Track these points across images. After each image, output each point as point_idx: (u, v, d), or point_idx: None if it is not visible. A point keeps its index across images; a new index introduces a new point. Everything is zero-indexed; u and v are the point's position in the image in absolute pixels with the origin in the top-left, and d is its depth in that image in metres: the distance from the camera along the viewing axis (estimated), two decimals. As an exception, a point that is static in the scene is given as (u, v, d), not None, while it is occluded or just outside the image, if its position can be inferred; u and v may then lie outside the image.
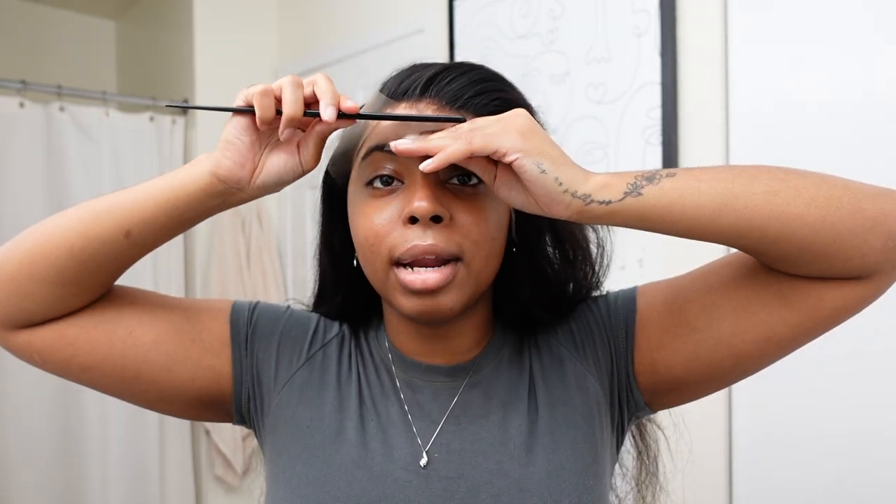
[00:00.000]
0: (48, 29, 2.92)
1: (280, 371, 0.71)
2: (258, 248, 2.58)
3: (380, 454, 0.65)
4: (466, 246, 0.60)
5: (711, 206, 0.54)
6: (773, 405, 1.37)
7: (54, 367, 0.67)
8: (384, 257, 0.60)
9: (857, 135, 1.27)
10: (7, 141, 2.22)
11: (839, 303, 0.59)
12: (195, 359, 0.68)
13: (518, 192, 0.56)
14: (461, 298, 0.61)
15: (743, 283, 0.62)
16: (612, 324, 0.69)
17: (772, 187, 0.54)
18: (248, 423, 0.73)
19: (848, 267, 0.56)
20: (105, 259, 0.63)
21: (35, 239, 0.63)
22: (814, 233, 0.54)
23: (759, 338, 0.61)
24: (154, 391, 0.68)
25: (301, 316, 0.75)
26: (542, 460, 0.63)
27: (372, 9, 2.30)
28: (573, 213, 0.55)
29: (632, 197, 0.55)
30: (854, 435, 1.27)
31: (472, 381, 0.68)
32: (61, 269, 0.62)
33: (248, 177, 0.60)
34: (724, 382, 0.68)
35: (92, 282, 0.64)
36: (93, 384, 0.68)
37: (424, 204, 0.57)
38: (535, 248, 0.68)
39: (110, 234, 0.62)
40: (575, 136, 1.69)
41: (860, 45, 1.27)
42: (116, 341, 0.66)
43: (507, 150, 0.53)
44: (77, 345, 0.65)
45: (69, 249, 0.62)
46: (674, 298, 0.66)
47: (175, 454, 2.51)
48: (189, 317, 0.69)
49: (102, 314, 0.66)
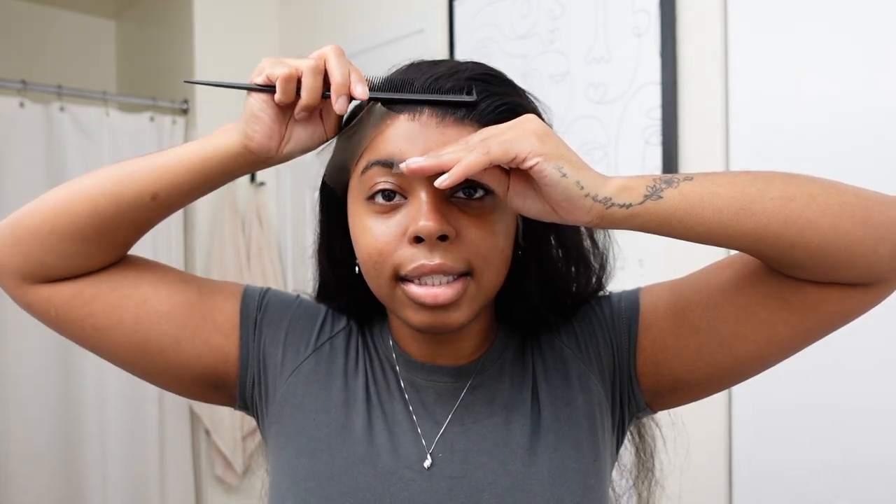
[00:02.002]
0: (48, 29, 2.92)
1: (287, 359, 0.70)
2: (258, 248, 2.58)
3: (386, 451, 0.65)
4: (476, 262, 0.59)
5: (730, 210, 0.54)
6: (773, 404, 1.37)
7: (67, 326, 0.67)
8: (388, 274, 0.59)
9: (858, 135, 1.27)
10: (7, 141, 2.23)
11: (839, 307, 0.59)
12: (204, 336, 0.68)
13: (533, 201, 0.55)
14: (470, 312, 0.60)
15: (745, 284, 0.62)
16: (615, 325, 0.69)
17: (787, 192, 0.54)
18: (250, 409, 0.73)
19: (855, 274, 0.56)
20: (129, 220, 0.65)
21: (60, 196, 0.65)
22: (827, 240, 0.54)
23: (760, 339, 0.62)
24: (160, 363, 0.68)
25: (310, 306, 0.75)
26: (545, 460, 0.64)
27: (372, 9, 2.30)
28: (594, 217, 0.54)
29: (652, 200, 0.54)
30: (855, 434, 1.27)
31: (476, 382, 0.68)
32: (83, 226, 0.63)
33: (276, 146, 0.61)
34: (725, 384, 0.68)
35: (113, 240, 0.66)
36: (102, 348, 0.68)
37: (430, 224, 0.56)
38: (540, 251, 0.68)
39: (137, 195, 0.64)
40: (575, 136, 1.69)
41: (860, 46, 1.27)
42: (131, 307, 0.66)
43: (527, 154, 0.52)
44: (93, 305, 0.66)
45: (93, 207, 0.63)
46: (676, 300, 0.66)
47: (175, 454, 2.52)
48: (202, 294, 0.70)
49: (121, 279, 0.67)
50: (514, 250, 0.65)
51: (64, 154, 2.31)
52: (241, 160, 0.62)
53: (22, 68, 2.61)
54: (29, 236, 0.64)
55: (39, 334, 2.26)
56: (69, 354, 2.30)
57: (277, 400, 0.70)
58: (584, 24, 1.68)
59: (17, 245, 0.65)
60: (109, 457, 2.36)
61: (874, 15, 1.25)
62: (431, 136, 0.58)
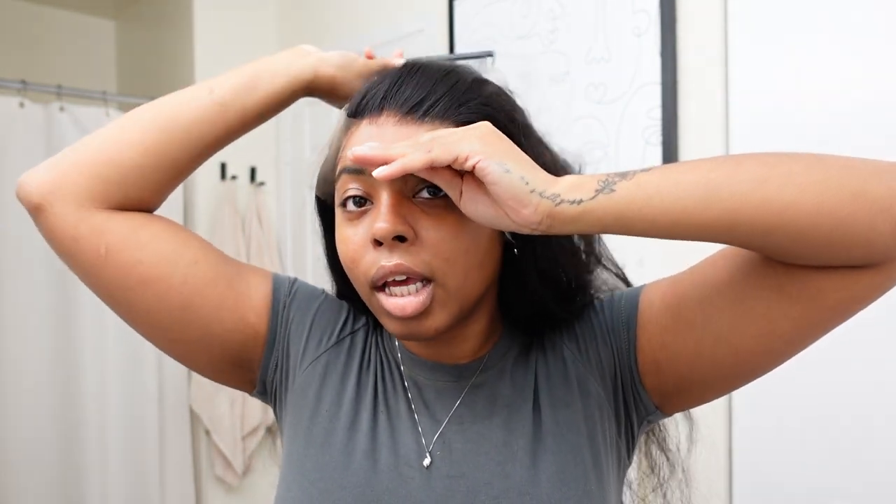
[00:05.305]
0: (48, 29, 2.92)
1: (308, 348, 0.71)
2: (258, 247, 2.58)
3: (386, 447, 0.65)
4: (436, 265, 0.57)
5: (693, 198, 0.50)
6: (773, 405, 1.36)
7: (115, 269, 0.65)
8: (362, 282, 0.60)
9: (858, 135, 1.27)
10: (7, 141, 2.23)
11: (844, 293, 0.54)
12: (242, 312, 0.69)
13: (485, 206, 0.53)
14: (445, 318, 0.60)
15: (738, 275, 0.58)
16: (613, 325, 0.67)
17: (759, 174, 0.50)
18: (268, 395, 0.74)
19: (853, 255, 0.51)
20: (189, 119, 0.68)
21: (122, 117, 0.70)
22: (811, 221, 0.49)
23: (760, 333, 0.58)
24: (195, 330, 0.67)
25: (335, 301, 0.76)
26: (544, 464, 0.63)
27: (372, 9, 2.30)
28: (542, 215, 0.51)
29: (604, 194, 0.51)
30: (855, 434, 1.27)
31: (478, 381, 0.68)
32: (146, 131, 0.67)
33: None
34: (734, 382, 0.64)
35: (173, 155, 0.68)
36: (141, 304, 0.66)
37: (385, 225, 0.55)
38: (537, 248, 0.66)
39: (195, 92, 0.69)
40: (575, 136, 1.69)
41: (860, 46, 1.27)
42: (182, 264, 0.66)
43: (468, 154, 0.51)
44: (146, 250, 0.65)
45: (158, 111, 0.69)
46: (672, 295, 0.63)
47: (175, 454, 2.51)
48: (240, 271, 0.71)
49: (175, 233, 0.68)
50: (505, 246, 0.65)
51: (64, 154, 2.31)
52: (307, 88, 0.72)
53: (22, 68, 2.61)
54: (89, 151, 0.67)
55: (39, 334, 2.26)
56: (69, 354, 2.30)
57: (295, 388, 0.70)
58: (584, 24, 1.68)
59: (79, 163, 0.67)
60: (109, 456, 2.35)
61: (874, 15, 1.25)
62: (388, 135, 0.59)
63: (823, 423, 1.31)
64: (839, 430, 1.29)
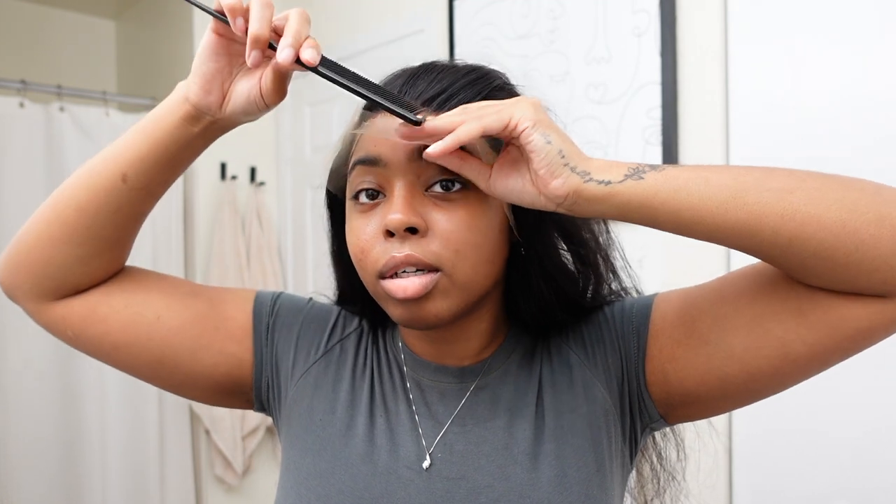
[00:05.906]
0: (48, 29, 2.92)
1: (297, 363, 0.72)
2: (258, 248, 2.58)
3: (385, 451, 0.65)
4: (446, 256, 0.58)
5: (719, 197, 0.50)
6: (773, 406, 1.36)
7: (87, 344, 0.69)
8: (370, 272, 0.60)
9: (858, 134, 1.27)
10: (7, 141, 2.23)
11: (863, 323, 0.53)
12: (218, 346, 0.70)
13: (515, 179, 0.54)
14: (448, 306, 0.59)
15: (759, 295, 0.58)
16: (623, 331, 0.67)
17: (788, 185, 0.50)
18: (267, 410, 0.75)
19: (873, 280, 0.51)
20: (110, 209, 0.65)
21: (47, 204, 0.66)
22: (833, 237, 0.49)
23: (774, 355, 0.57)
24: (179, 375, 0.70)
25: (322, 309, 0.75)
26: (545, 467, 0.62)
27: (372, 9, 2.30)
28: (569, 189, 0.52)
29: (633, 179, 0.52)
30: (855, 436, 1.27)
31: (481, 383, 0.67)
32: (73, 227, 0.64)
33: (217, 103, 0.61)
34: (741, 400, 0.63)
35: (105, 236, 0.66)
36: (123, 365, 0.70)
37: (398, 216, 0.56)
38: (543, 248, 0.65)
39: (109, 181, 0.64)
40: (575, 136, 1.66)
41: (860, 45, 1.27)
42: (144, 324, 0.68)
43: (520, 118, 0.52)
44: (108, 322, 0.68)
45: (77, 204, 0.64)
46: (687, 309, 0.63)
47: (175, 454, 2.52)
48: (214, 304, 0.71)
49: (132, 295, 0.69)
50: (512, 247, 0.65)
51: (64, 154, 2.31)
52: (187, 116, 0.61)
53: (21, 68, 2.61)
54: (27, 252, 0.66)
55: (39, 335, 2.25)
56: (69, 355, 2.30)
57: (288, 403, 0.71)
58: (584, 23, 1.68)
59: (22, 265, 0.67)
60: (109, 456, 2.36)
61: (874, 15, 1.25)
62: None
63: (824, 430, 1.31)
64: (840, 438, 1.29)
